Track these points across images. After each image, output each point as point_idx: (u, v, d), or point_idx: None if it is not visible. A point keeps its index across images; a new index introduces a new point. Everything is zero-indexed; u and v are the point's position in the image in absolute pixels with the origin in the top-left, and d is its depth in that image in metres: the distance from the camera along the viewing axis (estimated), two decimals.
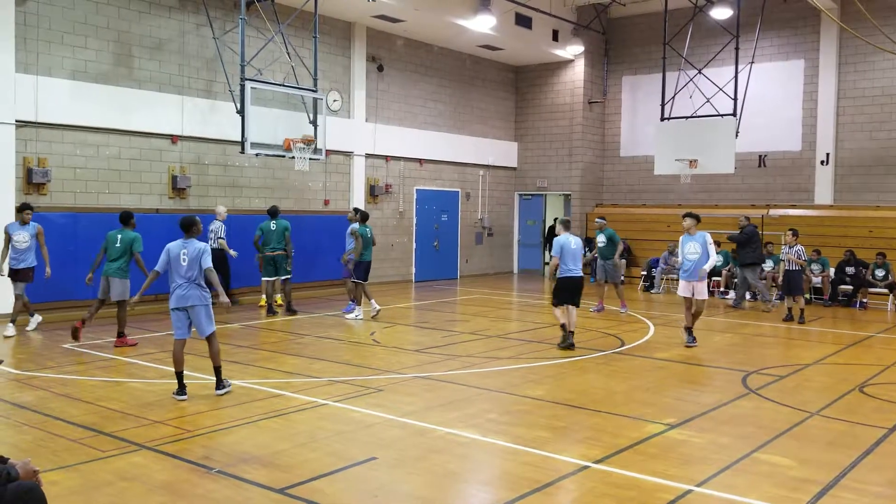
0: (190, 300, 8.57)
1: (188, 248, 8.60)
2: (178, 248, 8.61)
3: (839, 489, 5.95)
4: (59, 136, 14.45)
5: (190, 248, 8.60)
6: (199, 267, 8.56)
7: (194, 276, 8.57)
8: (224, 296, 8.80)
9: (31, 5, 13.99)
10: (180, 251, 8.59)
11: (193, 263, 8.55)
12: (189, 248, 8.60)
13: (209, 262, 8.61)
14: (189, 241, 8.70)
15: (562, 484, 6.05)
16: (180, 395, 8.45)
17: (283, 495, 5.66)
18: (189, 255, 8.57)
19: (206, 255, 8.62)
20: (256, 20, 16.50)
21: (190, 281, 8.56)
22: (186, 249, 8.60)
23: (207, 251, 8.67)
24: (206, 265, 8.57)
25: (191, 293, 8.57)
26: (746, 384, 9.52)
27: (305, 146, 16.15)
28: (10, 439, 6.89)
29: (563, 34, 23.07)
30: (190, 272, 8.55)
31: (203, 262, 8.57)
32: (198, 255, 8.58)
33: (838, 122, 20.52)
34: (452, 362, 10.66)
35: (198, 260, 8.57)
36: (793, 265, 15.14)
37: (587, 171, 24.22)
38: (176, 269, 8.59)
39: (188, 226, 8.80)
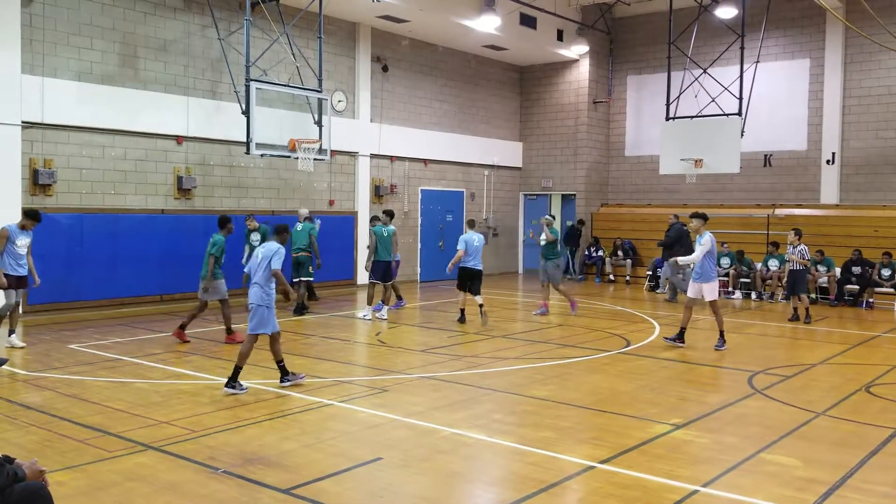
0: (251, 299, 8.94)
1: (264, 249, 9.02)
2: (260, 248, 9.11)
3: (846, 489, 5.93)
4: (65, 137, 14.49)
5: (265, 249, 9.00)
6: (267, 267, 8.89)
7: (261, 275, 8.90)
8: (288, 287, 9.14)
9: (37, 7, 14.03)
10: (259, 251, 9.07)
11: (263, 263, 8.91)
12: (264, 249, 9.01)
13: (277, 263, 8.89)
14: (268, 243, 9.12)
15: (567, 484, 6.04)
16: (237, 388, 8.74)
17: (289, 495, 5.66)
18: (263, 254, 8.96)
19: (277, 257, 8.90)
20: (261, 21, 16.52)
21: (256, 280, 8.93)
22: (263, 250, 9.02)
23: (280, 253, 8.95)
24: (273, 266, 8.87)
25: (253, 292, 8.95)
26: (752, 384, 9.50)
27: (310, 147, 16.18)
28: (17, 439, 6.90)
29: (568, 34, 23.06)
30: (258, 272, 8.93)
31: (272, 262, 8.88)
32: (269, 255, 8.92)
33: (844, 122, 20.46)
34: (458, 363, 10.66)
35: (267, 260, 8.90)
36: (796, 265, 15.15)
37: (592, 171, 24.20)
38: (253, 268, 9.04)
39: (281, 230, 9.38)
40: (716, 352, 11.79)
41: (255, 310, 8.89)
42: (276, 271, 8.87)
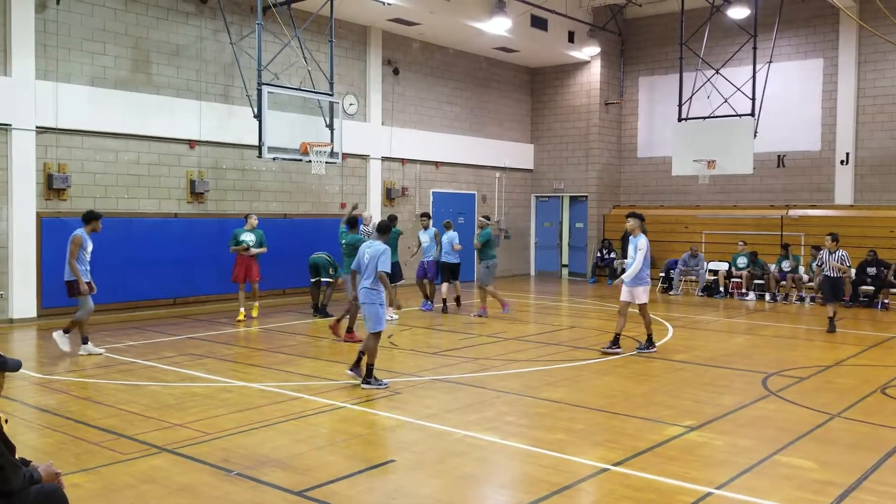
0: (363, 298, 9.20)
1: (371, 249, 9.15)
2: (366, 247, 9.22)
3: (861, 491, 5.89)
4: (79, 141, 14.59)
5: (372, 249, 9.14)
6: (374, 268, 9.05)
7: (369, 275, 9.08)
8: (394, 298, 9.37)
9: (51, 13, 14.14)
10: (366, 251, 9.17)
11: (371, 264, 9.09)
12: (372, 249, 9.14)
13: (385, 264, 9.04)
14: (375, 242, 9.24)
15: (581, 486, 6.03)
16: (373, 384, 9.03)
17: (302, 498, 5.67)
18: (371, 254, 9.10)
19: (384, 258, 9.05)
20: (273, 25, 16.58)
21: (365, 280, 9.12)
22: (370, 250, 9.14)
23: (387, 253, 9.10)
24: (380, 268, 9.03)
25: (364, 293, 9.16)
26: (767, 386, 9.45)
27: (322, 150, 16.21)
28: (33, 442, 6.95)
29: (579, 35, 23.03)
30: (367, 271, 9.12)
31: (379, 263, 9.03)
32: (376, 255, 9.07)
33: (858, 122, 20.34)
34: (470, 365, 10.65)
35: (374, 260, 9.07)
36: (835, 272, 14.16)
37: (604, 173, 24.15)
38: (361, 265, 9.19)
39: (385, 228, 9.49)
40: (716, 351, 11.73)
41: (368, 308, 9.11)
42: (381, 274, 9.06)
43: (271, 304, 16.95)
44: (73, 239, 10.83)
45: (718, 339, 13.18)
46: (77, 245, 10.81)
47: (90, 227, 11.10)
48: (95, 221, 11.13)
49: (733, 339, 13.45)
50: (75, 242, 10.81)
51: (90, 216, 11.17)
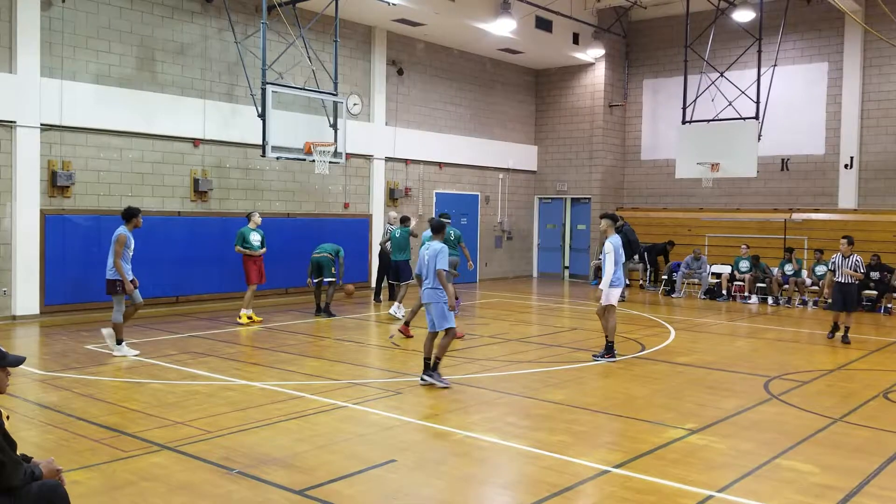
0: (425, 298, 9.36)
1: (430, 251, 9.29)
2: (425, 249, 9.37)
3: (862, 496, 5.88)
4: (83, 139, 14.61)
5: (430, 251, 9.28)
6: (433, 267, 9.20)
7: (429, 275, 9.23)
8: (452, 298, 9.34)
9: (56, 10, 14.16)
10: (425, 253, 9.32)
11: (431, 264, 9.23)
12: (430, 251, 9.28)
13: (442, 263, 9.18)
14: (432, 243, 9.36)
15: (582, 488, 6.02)
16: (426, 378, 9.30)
17: (303, 497, 5.67)
18: (429, 255, 9.26)
19: (441, 257, 9.17)
20: (278, 24, 16.60)
21: (426, 280, 9.27)
22: (429, 251, 9.30)
23: (443, 252, 9.21)
24: (438, 267, 9.16)
25: (426, 291, 9.34)
26: (769, 389, 9.44)
27: (325, 150, 16.22)
28: (34, 439, 6.96)
29: (584, 37, 23.02)
30: (427, 271, 9.27)
31: (437, 262, 9.17)
32: (433, 256, 9.22)
33: (862, 126, 20.31)
34: (472, 366, 10.65)
35: (433, 260, 9.22)
36: (848, 278, 13.12)
37: (607, 175, 24.13)
38: (423, 268, 9.36)
39: (439, 227, 9.60)
40: (719, 355, 11.71)
41: (434, 308, 9.23)
42: (440, 272, 9.18)
43: (274, 303, 16.97)
44: (118, 238, 10.70)
45: (721, 343, 13.16)
46: (122, 245, 10.71)
47: (132, 224, 10.96)
48: (136, 218, 10.97)
49: (735, 342, 13.43)
50: (120, 242, 10.69)
51: (131, 213, 10.95)
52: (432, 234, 9.84)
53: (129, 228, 10.91)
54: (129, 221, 10.94)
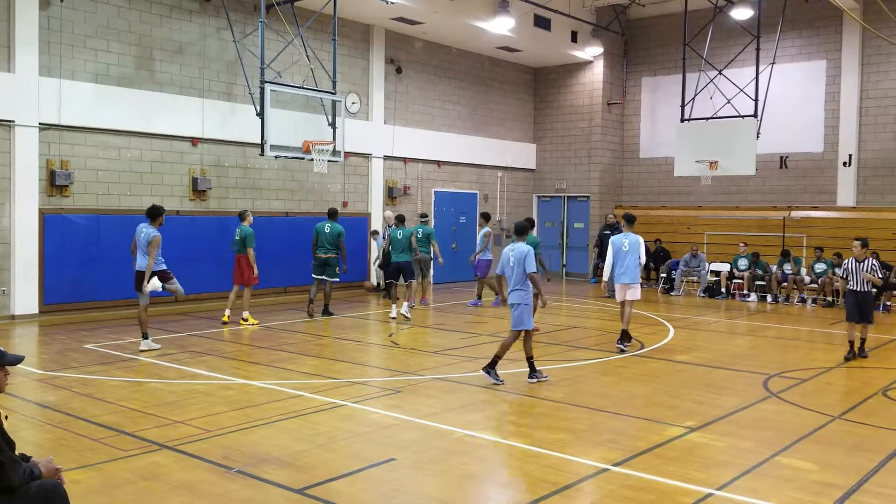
0: (512, 299, 9.35)
1: (515, 252, 9.26)
2: (510, 251, 9.33)
3: (862, 493, 5.88)
4: (82, 138, 14.59)
5: (516, 252, 9.27)
6: (522, 269, 9.20)
7: (517, 276, 9.21)
8: (544, 296, 9.49)
9: (55, 10, 14.14)
10: (510, 254, 9.30)
11: (516, 266, 9.22)
12: (516, 252, 9.27)
13: (531, 265, 9.20)
14: (517, 245, 9.35)
15: (581, 486, 6.02)
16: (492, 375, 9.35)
17: (302, 495, 5.67)
18: (515, 257, 9.24)
19: (529, 259, 9.19)
20: (276, 23, 16.58)
21: (513, 283, 9.26)
22: (513, 251, 9.27)
23: (531, 255, 9.24)
24: (529, 269, 9.19)
25: (514, 293, 9.28)
26: (768, 387, 9.44)
27: (324, 148, 16.20)
28: (33, 438, 6.95)
29: (582, 35, 23.02)
30: (513, 273, 9.25)
31: (526, 265, 9.18)
32: (521, 257, 9.22)
33: (861, 123, 20.32)
34: (471, 364, 10.65)
35: (521, 262, 9.21)
36: (865, 285, 11.43)
37: (606, 173, 24.14)
38: (506, 269, 9.32)
39: (523, 229, 9.56)
40: (718, 353, 11.72)
41: (515, 308, 9.28)
42: (532, 275, 9.22)
43: (272, 301, 16.96)
44: (155, 241, 11.04)
45: (720, 340, 13.17)
46: (157, 246, 11.06)
47: (159, 223, 11.33)
48: (162, 216, 11.38)
49: (735, 340, 13.43)
50: (155, 244, 11.04)
51: (159, 211, 11.37)
52: (516, 235, 9.65)
53: (156, 226, 11.27)
54: (157, 219, 11.31)
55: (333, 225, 14.92)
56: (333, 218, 15.06)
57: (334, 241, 14.84)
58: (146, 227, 11.25)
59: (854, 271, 11.53)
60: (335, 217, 15.12)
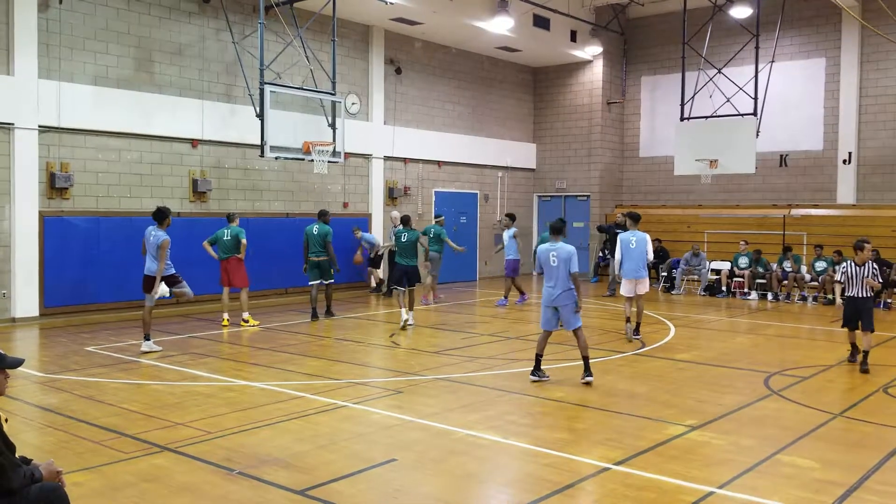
0: (563, 300, 9.29)
1: (557, 251, 9.22)
2: (548, 249, 9.28)
3: (863, 491, 5.88)
4: (82, 140, 14.60)
5: (559, 252, 9.22)
6: (566, 269, 9.19)
7: (564, 276, 9.19)
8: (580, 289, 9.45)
9: (54, 12, 14.15)
10: (549, 253, 9.24)
11: (561, 267, 9.19)
12: (559, 251, 9.22)
13: (575, 266, 9.23)
14: (557, 244, 9.30)
15: (582, 486, 6.02)
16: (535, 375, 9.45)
17: (304, 496, 5.68)
18: (559, 257, 9.19)
19: (574, 259, 9.21)
20: (275, 24, 16.59)
21: (558, 281, 9.20)
22: (556, 251, 9.22)
23: (575, 255, 9.26)
24: (572, 270, 9.20)
25: (562, 294, 9.23)
26: (769, 385, 9.44)
27: (324, 149, 16.20)
28: (34, 441, 6.96)
29: (582, 35, 23.02)
30: (558, 273, 9.21)
31: (572, 266, 9.19)
32: (567, 257, 9.21)
33: (860, 121, 20.32)
34: (472, 364, 10.65)
35: (566, 262, 9.20)
36: (864, 290, 10.55)
37: (606, 172, 24.14)
38: (546, 269, 9.25)
39: (559, 229, 9.49)
40: (719, 351, 11.72)
41: (565, 309, 9.25)
42: (575, 275, 9.26)
43: (273, 303, 16.97)
44: (164, 244, 11.11)
45: (721, 339, 13.17)
46: (166, 249, 11.14)
47: (166, 225, 11.36)
48: (168, 218, 11.43)
49: (735, 338, 13.43)
50: (165, 247, 11.11)
51: (165, 213, 11.38)
52: (552, 235, 9.53)
53: (163, 229, 11.30)
54: (164, 222, 11.35)
55: (321, 226, 14.71)
56: (322, 219, 14.84)
57: (322, 243, 14.62)
58: (154, 230, 11.29)
59: (854, 276, 10.62)
60: (324, 218, 14.87)
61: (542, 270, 9.50)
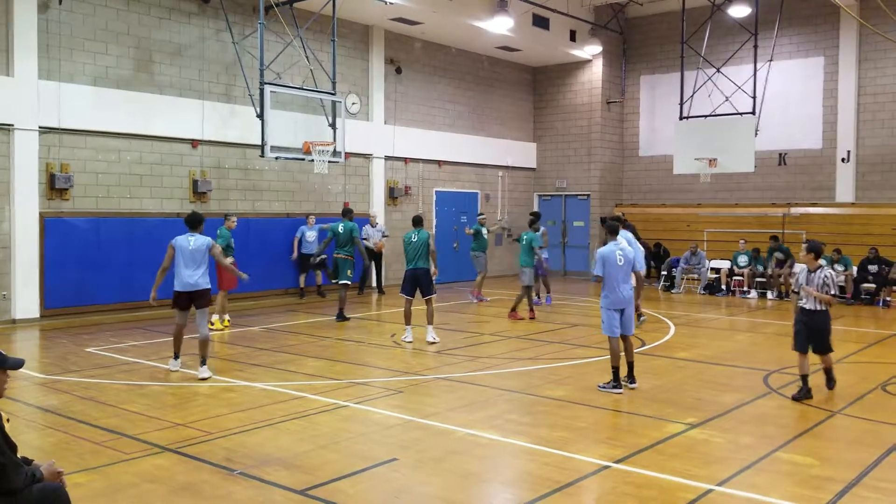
0: (628, 301, 9.21)
1: (624, 251, 9.21)
2: (611, 250, 9.19)
3: (861, 488, 5.90)
4: (82, 141, 14.62)
5: (626, 251, 9.23)
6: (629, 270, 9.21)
7: (626, 277, 9.18)
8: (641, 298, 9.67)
9: (53, 13, 14.17)
10: (617, 253, 9.16)
11: (627, 265, 9.17)
12: (625, 251, 9.22)
13: (641, 264, 9.41)
14: (620, 245, 9.30)
15: (583, 484, 6.05)
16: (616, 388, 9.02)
17: (305, 496, 5.70)
18: (626, 256, 9.18)
19: (640, 257, 9.40)
20: (275, 24, 16.60)
21: (626, 283, 9.19)
22: (622, 253, 9.18)
23: (641, 254, 9.46)
24: (637, 268, 9.29)
25: (628, 294, 9.21)
26: (768, 383, 9.47)
27: (324, 149, 16.21)
28: (35, 442, 6.98)
29: (581, 34, 23.04)
30: (625, 273, 9.17)
31: (637, 265, 9.35)
32: (632, 259, 9.22)
33: (859, 119, 20.33)
34: (473, 363, 10.67)
35: (630, 263, 9.20)
36: (815, 302, 8.72)
37: (606, 172, 24.16)
38: (612, 270, 9.15)
39: (615, 228, 9.47)
40: (718, 350, 11.74)
41: (629, 310, 9.23)
42: (639, 273, 9.33)
43: (273, 303, 16.98)
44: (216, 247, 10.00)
45: (720, 337, 13.18)
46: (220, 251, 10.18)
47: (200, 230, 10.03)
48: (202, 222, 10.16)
49: (735, 336, 13.44)
50: (219, 251, 10.08)
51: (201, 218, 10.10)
52: (608, 235, 9.44)
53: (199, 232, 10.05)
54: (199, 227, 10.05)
55: (346, 223, 14.50)
56: (348, 216, 14.65)
57: (349, 239, 14.37)
58: (190, 237, 9.85)
59: (805, 283, 8.80)
60: (349, 215, 14.69)
61: (603, 273, 9.09)
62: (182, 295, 9.93)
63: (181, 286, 9.88)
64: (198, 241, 9.85)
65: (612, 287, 9.07)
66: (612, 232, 9.47)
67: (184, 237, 9.86)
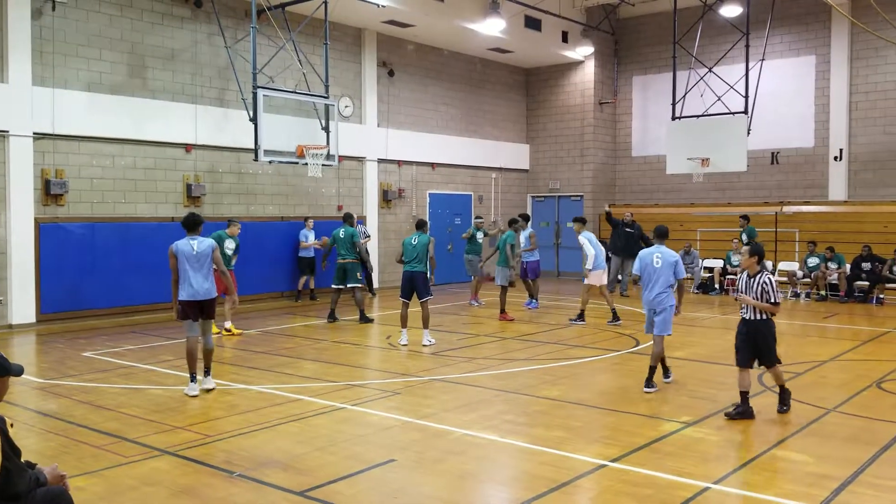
0: (660, 303, 9.18)
1: (662, 254, 9.18)
2: (654, 253, 9.21)
3: (857, 485, 5.95)
4: (76, 147, 14.62)
5: (665, 255, 9.18)
6: (672, 273, 9.14)
7: (665, 280, 9.12)
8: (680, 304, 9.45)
9: (47, 19, 14.17)
10: (655, 258, 9.18)
11: (666, 268, 9.13)
12: (664, 255, 9.18)
13: (682, 272, 9.20)
14: (662, 248, 9.26)
15: (579, 483, 6.09)
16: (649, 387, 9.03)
17: (304, 498, 5.73)
18: (664, 260, 9.16)
19: (680, 265, 9.18)
20: (268, 28, 16.63)
21: (661, 287, 9.14)
22: (660, 256, 9.17)
23: (681, 261, 9.22)
24: (679, 276, 9.15)
25: (660, 298, 9.18)
26: (762, 382, 9.52)
27: (318, 153, 16.23)
28: (36, 446, 6.99)
29: (573, 35, 23.11)
30: (658, 276, 9.14)
31: (677, 271, 9.13)
32: (672, 262, 9.15)
33: (851, 118, 20.44)
34: (469, 364, 10.71)
35: (672, 266, 9.14)
36: (753, 311, 8.00)
37: (599, 172, 24.23)
38: (647, 270, 9.22)
39: (664, 234, 9.40)
40: (713, 348, 11.80)
41: (662, 313, 9.17)
42: (682, 281, 9.25)
43: (268, 306, 16.99)
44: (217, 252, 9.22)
45: (714, 336, 13.25)
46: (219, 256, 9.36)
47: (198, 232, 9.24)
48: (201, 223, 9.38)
49: (729, 335, 13.38)
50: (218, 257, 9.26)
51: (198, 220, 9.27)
52: (657, 239, 9.40)
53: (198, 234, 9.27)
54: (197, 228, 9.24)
55: (346, 228, 14.68)
56: (348, 221, 14.84)
57: (350, 244, 14.51)
58: (195, 241, 9.06)
59: (744, 289, 8.10)
60: (350, 221, 14.88)
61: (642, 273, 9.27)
62: (194, 305, 8.96)
63: (191, 295, 8.90)
64: (201, 244, 9.05)
65: (643, 287, 9.35)
66: (658, 236, 9.47)
67: (185, 241, 9.00)
